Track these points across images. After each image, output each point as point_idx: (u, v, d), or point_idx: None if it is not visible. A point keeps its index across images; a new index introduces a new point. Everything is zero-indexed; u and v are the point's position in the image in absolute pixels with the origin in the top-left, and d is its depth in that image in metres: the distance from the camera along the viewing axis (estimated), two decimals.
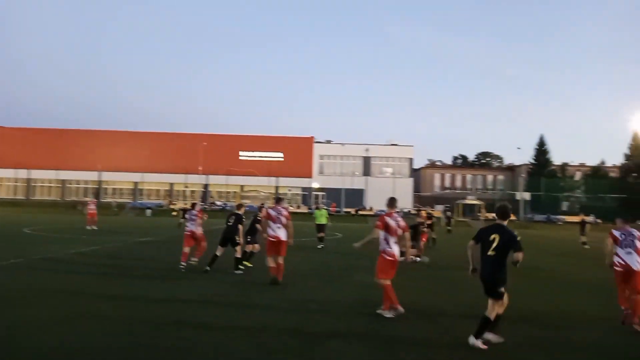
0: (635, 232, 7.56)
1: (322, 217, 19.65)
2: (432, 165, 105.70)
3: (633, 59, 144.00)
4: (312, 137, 72.73)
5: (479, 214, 63.75)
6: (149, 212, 57.09)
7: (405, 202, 66.37)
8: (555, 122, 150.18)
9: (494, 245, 5.75)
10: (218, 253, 11.04)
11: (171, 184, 72.07)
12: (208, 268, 10.83)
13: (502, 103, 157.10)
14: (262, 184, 67.82)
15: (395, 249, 7.37)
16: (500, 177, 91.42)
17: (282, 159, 70.46)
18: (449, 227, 35.51)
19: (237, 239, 10.91)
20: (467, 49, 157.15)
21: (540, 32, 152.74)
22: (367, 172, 71.32)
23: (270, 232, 9.70)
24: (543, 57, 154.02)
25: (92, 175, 70.41)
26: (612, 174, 75.70)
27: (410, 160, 72.96)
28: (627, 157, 70.78)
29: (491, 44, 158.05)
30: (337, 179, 68.18)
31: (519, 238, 5.79)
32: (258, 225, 11.50)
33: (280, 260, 9.71)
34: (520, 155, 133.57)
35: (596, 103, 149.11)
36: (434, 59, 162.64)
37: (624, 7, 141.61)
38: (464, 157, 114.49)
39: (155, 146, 69.59)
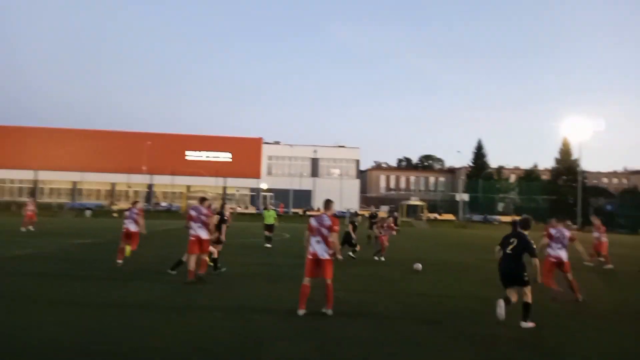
0: (565, 231, 9.63)
1: (270, 218, 20.11)
2: (378, 167, 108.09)
3: (565, 65, 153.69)
4: (261, 138, 72.55)
5: (421, 214, 66.00)
6: (88, 213, 54.84)
7: (352, 202, 67.56)
8: (492, 126, 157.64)
9: (512, 246, 7.20)
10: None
11: (113, 184, 69.43)
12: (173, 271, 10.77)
13: (445, 107, 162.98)
14: (210, 185, 66.79)
15: (317, 248, 7.40)
16: (442, 179, 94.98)
17: (230, 160, 69.73)
18: (397, 228, 36.33)
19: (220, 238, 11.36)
20: (411, 53, 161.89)
21: (477, 39, 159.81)
22: (315, 173, 71.99)
23: (192, 231, 10.04)
24: (479, 63, 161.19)
25: (27, 174, 66.57)
26: (544, 177, 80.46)
27: (357, 161, 74.36)
28: (557, 161, 75.44)
29: (433, 49, 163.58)
30: (286, 180, 68.36)
31: (534, 246, 7.10)
32: (223, 225, 11.56)
33: (205, 256, 10.35)
34: (460, 158, 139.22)
35: (530, 109, 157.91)
36: (380, 61, 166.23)
37: (553, 11, 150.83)
38: (408, 160, 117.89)
39: (96, 145, 66.75)
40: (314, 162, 72.34)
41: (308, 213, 59.64)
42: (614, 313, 8.69)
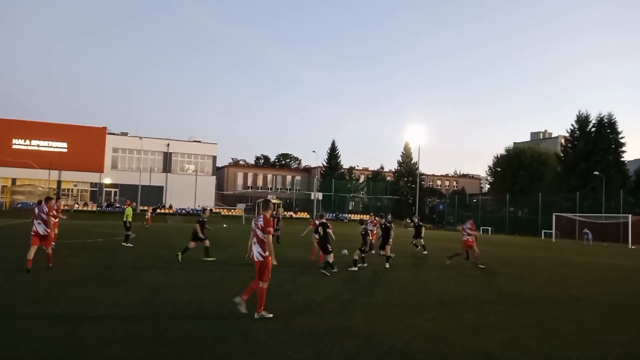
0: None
1: (130, 215, 20.14)
2: (236, 164, 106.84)
3: (409, 72, 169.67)
4: (105, 127, 66.08)
5: (275, 212, 66.70)
6: None
7: (208, 200, 65.46)
8: (346, 128, 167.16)
9: None
10: (190, 246, 14.61)
11: None
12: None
13: (302, 107, 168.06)
14: (41, 178, 58.82)
15: (254, 249, 7.27)
16: (298, 177, 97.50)
17: (66, 150, 62.12)
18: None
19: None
20: (271, 51, 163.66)
21: (335, 42, 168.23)
22: (167, 168, 68.03)
23: (33, 227, 11.13)
24: (336, 64, 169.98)
25: None
26: (389, 178, 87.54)
27: (214, 158, 72.20)
28: (400, 163, 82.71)
29: (293, 49, 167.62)
30: (134, 175, 63.41)
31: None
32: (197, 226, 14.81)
33: (49, 250, 11.42)
34: (316, 157, 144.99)
35: (380, 113, 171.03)
36: (238, 58, 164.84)
37: (408, 18, 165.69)
38: (266, 158, 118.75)
39: None
40: (167, 157, 68.33)
41: (158, 211, 56.09)
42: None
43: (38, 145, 61.13)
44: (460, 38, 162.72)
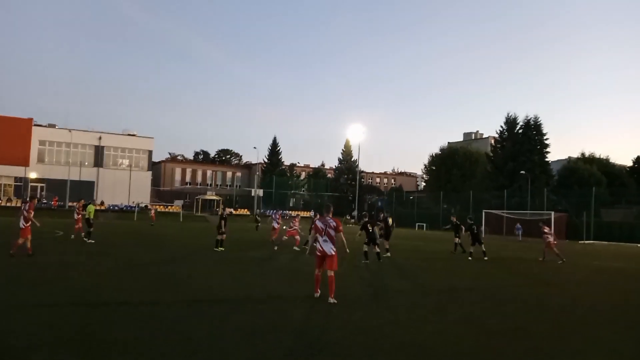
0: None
1: (92, 213, 20.35)
2: (173, 159, 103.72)
3: (351, 75, 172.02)
4: (32, 119, 61.79)
5: (217, 209, 65.48)
6: None
7: (144, 196, 63.07)
8: (287, 125, 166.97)
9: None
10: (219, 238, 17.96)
11: None
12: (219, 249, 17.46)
13: (242, 103, 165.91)
14: None
15: (324, 246, 8.56)
16: (239, 174, 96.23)
17: None
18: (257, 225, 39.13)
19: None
20: (211, 46, 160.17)
21: (275, 39, 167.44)
22: (99, 162, 64.76)
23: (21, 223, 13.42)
24: (277, 62, 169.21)
25: None
26: (329, 175, 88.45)
27: (150, 152, 69.55)
28: (340, 161, 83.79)
29: (233, 45, 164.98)
30: (63, 169, 59.83)
31: None
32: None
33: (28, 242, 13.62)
34: (257, 154, 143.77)
35: (322, 110, 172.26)
36: (176, 51, 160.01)
37: (346, 21, 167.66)
38: (205, 153, 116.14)
39: None
40: (99, 150, 65.00)
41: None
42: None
43: None
44: (395, 41, 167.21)
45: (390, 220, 20.15)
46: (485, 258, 18.71)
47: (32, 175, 59.29)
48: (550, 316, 8.28)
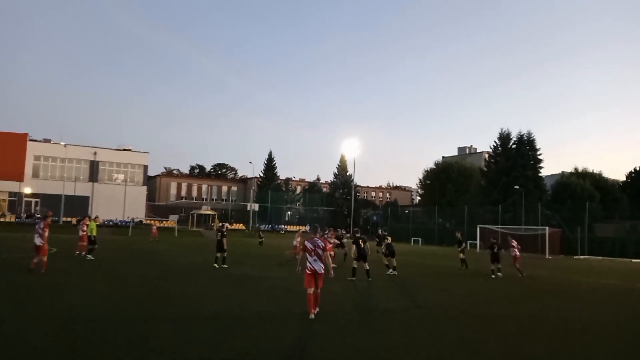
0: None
1: (94, 229, 20.75)
2: (169, 173, 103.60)
3: (346, 89, 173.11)
4: (27, 134, 61.82)
5: (212, 224, 65.34)
6: None
7: (139, 211, 62.85)
8: (282, 139, 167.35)
9: None
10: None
11: None
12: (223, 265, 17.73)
13: (238, 118, 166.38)
14: None
15: (315, 265, 9.03)
16: (234, 188, 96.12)
17: None
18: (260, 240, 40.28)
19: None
20: (204, 59, 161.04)
21: (273, 53, 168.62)
22: (94, 177, 64.61)
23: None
24: (273, 76, 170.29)
25: None
26: (324, 189, 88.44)
27: (145, 167, 69.50)
28: (335, 175, 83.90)
29: (229, 59, 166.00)
30: (57, 184, 59.64)
31: None
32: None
33: (44, 258, 14.14)
34: (252, 168, 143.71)
35: (318, 126, 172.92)
36: (171, 64, 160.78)
37: (342, 35, 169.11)
38: (201, 167, 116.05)
39: None
40: (94, 166, 64.90)
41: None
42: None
43: None
44: (391, 56, 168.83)
45: (388, 239, 19.97)
46: (500, 274, 19.16)
47: (27, 190, 59.06)
48: (543, 338, 8.32)
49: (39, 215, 54.36)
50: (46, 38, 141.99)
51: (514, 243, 20.71)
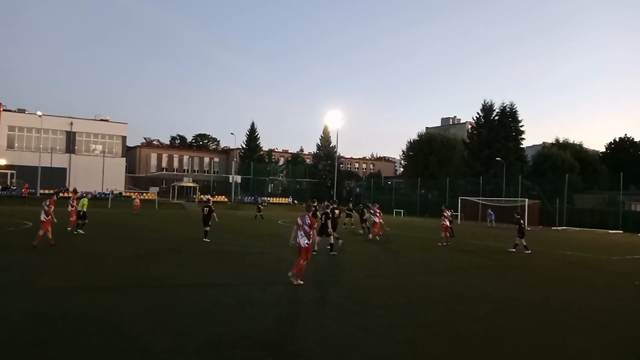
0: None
1: (86, 205, 20.25)
2: (149, 144, 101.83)
3: (329, 61, 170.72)
4: (0, 103, 59.78)
5: (194, 195, 64.73)
6: None
7: (118, 183, 61.86)
8: (265, 110, 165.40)
9: None
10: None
11: None
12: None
13: (220, 88, 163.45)
14: None
15: (301, 240, 10.24)
16: (216, 159, 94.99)
17: None
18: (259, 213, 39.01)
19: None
20: (187, 29, 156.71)
21: (257, 26, 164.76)
22: (71, 148, 63.07)
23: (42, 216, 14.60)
24: (255, 48, 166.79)
25: None
26: (308, 161, 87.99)
27: (124, 138, 68.01)
28: (319, 147, 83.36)
29: (211, 29, 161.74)
30: (33, 155, 58.13)
31: None
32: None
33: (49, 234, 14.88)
34: (234, 139, 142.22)
35: (301, 97, 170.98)
36: (152, 34, 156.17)
37: (327, 9, 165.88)
38: (182, 138, 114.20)
39: None
40: (70, 136, 63.26)
41: (61, 195, 51.93)
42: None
43: None
44: (375, 29, 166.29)
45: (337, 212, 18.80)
46: (528, 251, 19.17)
47: (1, 162, 57.54)
48: (520, 319, 8.30)
49: (14, 187, 53.21)
50: (21, 7, 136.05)
51: (447, 213, 21.56)
